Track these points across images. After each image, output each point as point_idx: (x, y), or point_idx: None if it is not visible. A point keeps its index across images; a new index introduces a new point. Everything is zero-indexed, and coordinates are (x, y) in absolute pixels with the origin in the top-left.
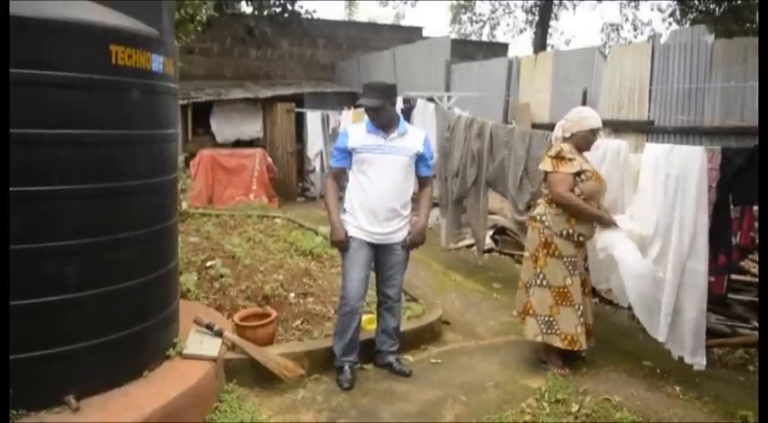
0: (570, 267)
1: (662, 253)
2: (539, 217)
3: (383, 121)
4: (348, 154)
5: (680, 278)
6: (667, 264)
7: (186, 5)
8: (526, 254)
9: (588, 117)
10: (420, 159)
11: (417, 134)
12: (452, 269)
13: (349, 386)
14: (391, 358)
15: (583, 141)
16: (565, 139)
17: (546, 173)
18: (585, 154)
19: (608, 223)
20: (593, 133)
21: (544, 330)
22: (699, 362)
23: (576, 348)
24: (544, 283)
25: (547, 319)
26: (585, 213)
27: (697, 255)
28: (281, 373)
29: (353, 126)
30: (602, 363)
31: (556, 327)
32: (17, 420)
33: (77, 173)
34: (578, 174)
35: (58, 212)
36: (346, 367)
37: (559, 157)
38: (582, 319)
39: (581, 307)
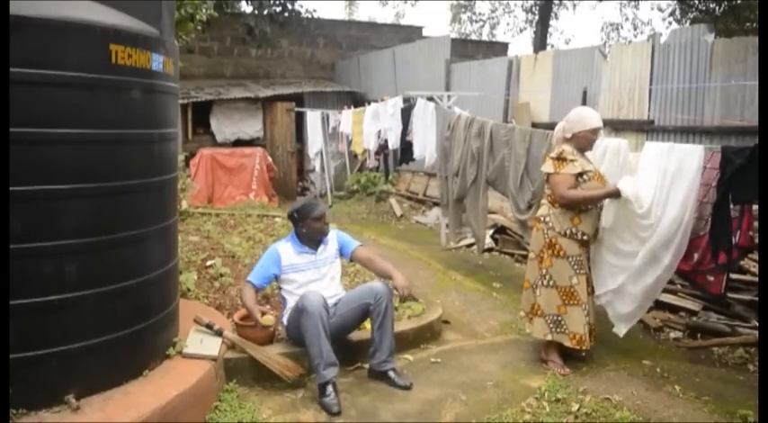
0: (576, 267)
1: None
2: (542, 218)
3: (325, 234)
4: (273, 277)
5: (647, 264)
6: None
7: (186, 5)
8: (531, 255)
9: (588, 117)
10: (342, 248)
11: (332, 236)
12: (452, 268)
13: (339, 409)
14: (391, 373)
15: (584, 141)
16: (565, 140)
17: (548, 175)
18: (587, 154)
19: (614, 191)
20: (593, 133)
21: (553, 329)
22: (620, 329)
23: (583, 347)
24: (551, 283)
25: (555, 318)
26: (593, 198)
27: (670, 248)
28: (281, 372)
29: (283, 246)
30: (602, 362)
31: (564, 326)
32: (17, 420)
33: (77, 172)
34: (580, 174)
35: (58, 212)
36: (330, 388)
37: (561, 159)
38: (588, 319)
39: (587, 306)
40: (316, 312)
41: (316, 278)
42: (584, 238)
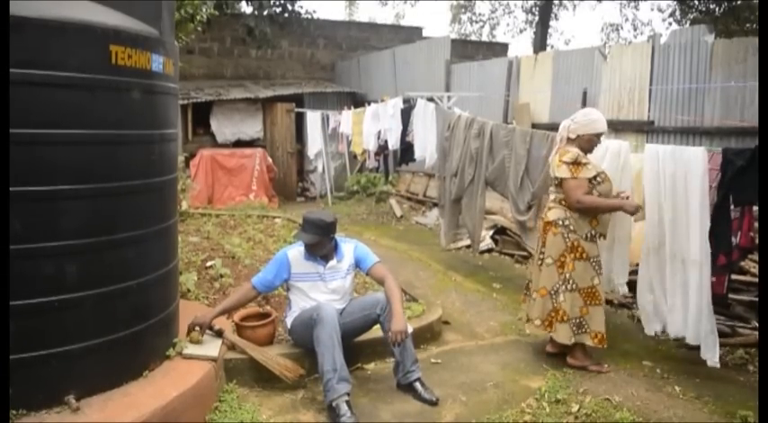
0: (597, 267)
1: (672, 254)
2: (560, 222)
3: (319, 254)
4: (279, 281)
5: (698, 279)
6: (681, 263)
7: (186, 5)
8: (548, 260)
9: (597, 120)
10: (359, 262)
11: (348, 250)
12: (452, 269)
13: (355, 420)
14: (417, 384)
15: (588, 144)
16: (569, 141)
17: (561, 179)
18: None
19: (633, 208)
20: (598, 137)
21: (575, 331)
22: (711, 358)
23: (603, 346)
24: (573, 286)
25: (578, 320)
26: (607, 207)
27: (706, 255)
28: (281, 373)
29: (293, 251)
30: (603, 362)
31: (586, 326)
32: (17, 420)
33: (77, 173)
34: (594, 177)
35: (58, 212)
36: (344, 407)
37: (576, 163)
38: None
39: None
40: (331, 325)
41: (322, 291)
42: (602, 239)
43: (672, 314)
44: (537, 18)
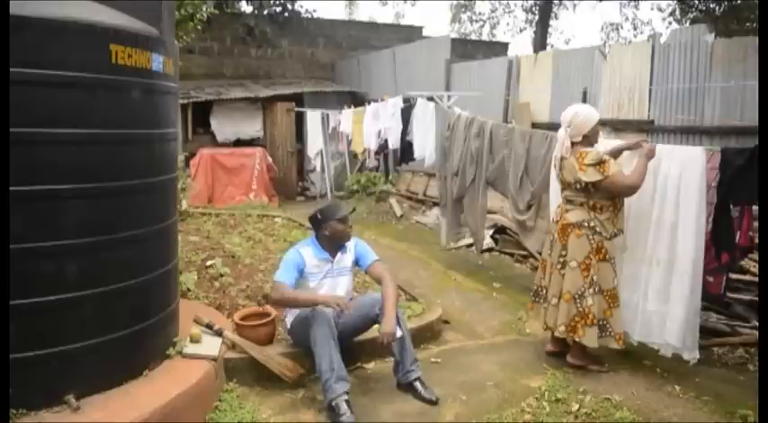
0: (615, 267)
1: (670, 255)
2: (585, 223)
3: (347, 238)
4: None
5: (692, 281)
6: (674, 264)
7: (186, 4)
8: (572, 263)
9: (589, 113)
10: (359, 259)
11: (350, 245)
12: (452, 268)
13: (355, 419)
14: (417, 384)
15: (595, 136)
16: (575, 144)
17: (589, 182)
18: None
19: (652, 151)
20: (597, 125)
21: (599, 335)
22: (694, 356)
23: (623, 346)
24: (597, 289)
25: (602, 323)
26: (645, 168)
27: (699, 255)
28: (281, 372)
29: (305, 250)
30: (602, 362)
31: (609, 329)
32: (17, 420)
33: (77, 172)
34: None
35: (58, 212)
36: (344, 407)
37: (602, 162)
38: None
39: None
40: (327, 324)
41: (328, 290)
42: (621, 233)
43: (644, 317)
44: (537, 17)
